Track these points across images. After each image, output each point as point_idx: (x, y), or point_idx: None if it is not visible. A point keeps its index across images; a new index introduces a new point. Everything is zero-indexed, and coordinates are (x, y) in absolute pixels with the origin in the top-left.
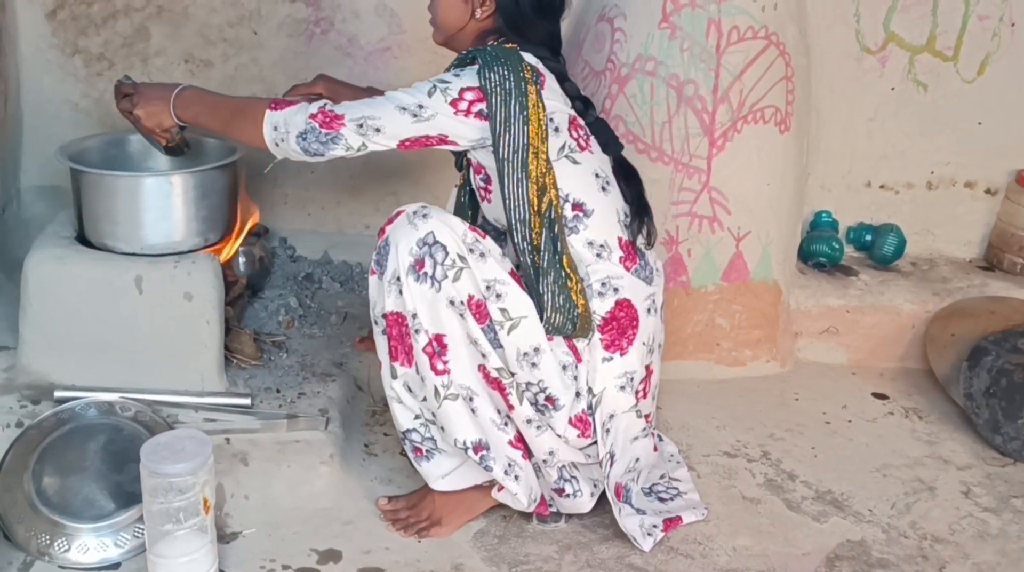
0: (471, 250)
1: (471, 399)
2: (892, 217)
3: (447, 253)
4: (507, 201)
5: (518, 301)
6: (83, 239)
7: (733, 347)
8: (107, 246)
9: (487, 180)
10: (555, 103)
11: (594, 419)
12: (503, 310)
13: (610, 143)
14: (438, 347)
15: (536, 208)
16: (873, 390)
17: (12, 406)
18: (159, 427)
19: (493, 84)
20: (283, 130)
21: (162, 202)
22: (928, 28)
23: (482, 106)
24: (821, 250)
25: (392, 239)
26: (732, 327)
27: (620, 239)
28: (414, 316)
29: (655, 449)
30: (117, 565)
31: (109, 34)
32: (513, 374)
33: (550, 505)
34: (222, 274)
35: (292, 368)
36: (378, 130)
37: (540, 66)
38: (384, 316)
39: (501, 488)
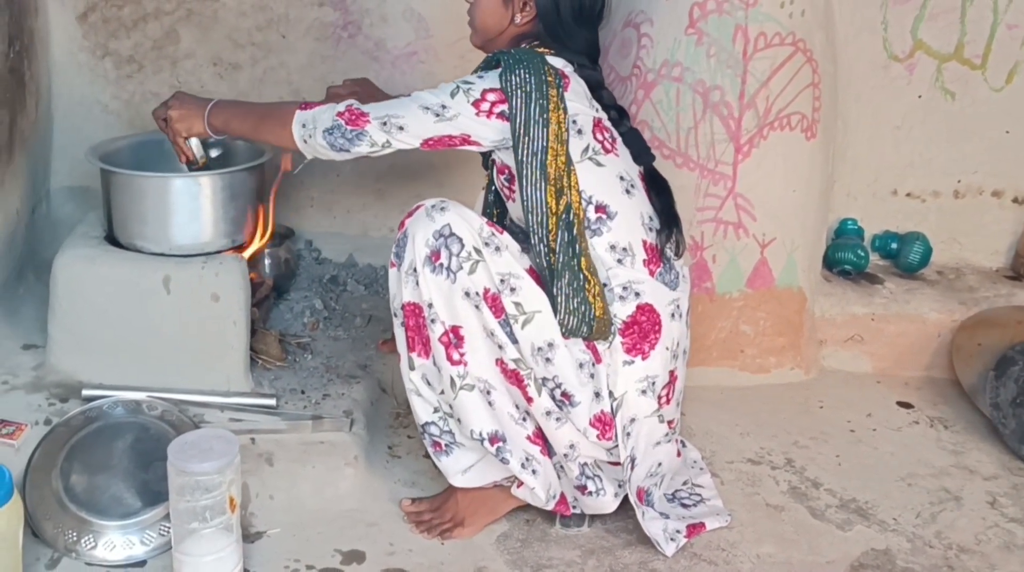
0: (487, 244)
1: (488, 392)
2: (918, 225)
3: (463, 245)
4: (525, 202)
5: (532, 295)
6: (112, 239)
7: (757, 354)
8: (136, 246)
9: (511, 180)
10: (578, 105)
11: (615, 422)
12: (517, 304)
13: (642, 153)
14: (454, 338)
15: (553, 210)
16: (898, 399)
17: (41, 404)
18: (185, 426)
19: (514, 86)
20: (311, 127)
21: (191, 203)
22: (956, 36)
23: (504, 107)
24: (846, 258)
25: (410, 231)
26: (756, 334)
27: (644, 242)
28: (430, 306)
29: (678, 455)
30: (143, 563)
31: (139, 37)
32: (531, 367)
33: (573, 506)
34: (249, 275)
35: (317, 370)
36: (401, 128)
37: (567, 69)
38: (402, 307)
39: (520, 484)
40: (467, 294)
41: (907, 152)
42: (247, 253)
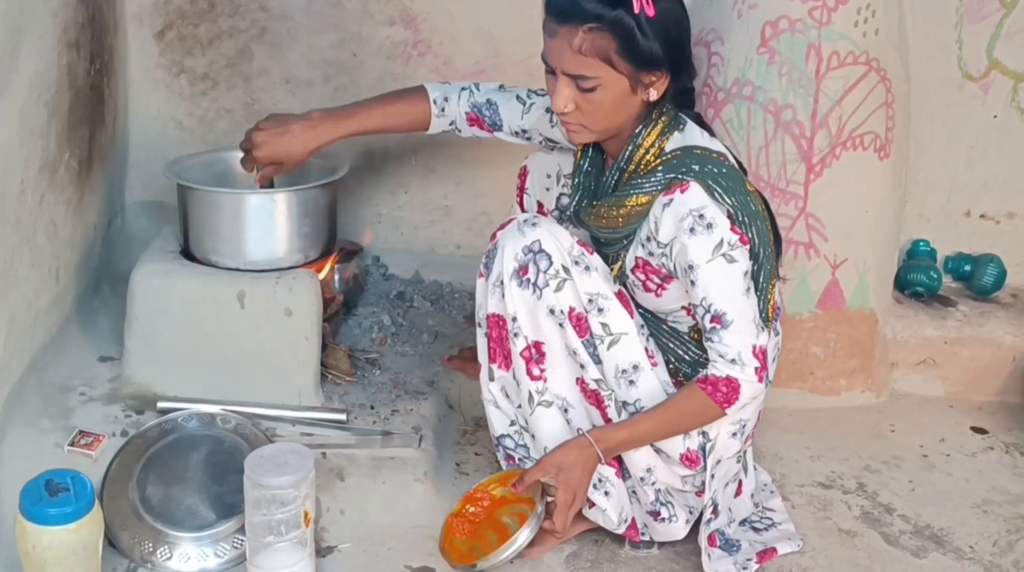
0: (576, 262)
1: (566, 410)
2: (992, 247)
3: (551, 262)
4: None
5: (619, 317)
6: (187, 254)
7: (827, 376)
8: (211, 261)
9: (665, 279)
10: None
11: (706, 463)
12: (604, 325)
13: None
14: (536, 354)
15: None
16: (972, 424)
17: (117, 416)
18: (259, 440)
19: (752, 234)
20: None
21: (265, 219)
22: None
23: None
24: (919, 279)
25: (500, 243)
26: (827, 356)
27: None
28: (514, 319)
29: (738, 492)
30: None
31: (214, 54)
32: (612, 389)
33: (642, 533)
34: (321, 291)
35: (385, 385)
36: None
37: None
38: (486, 318)
39: (592, 505)
40: (551, 311)
41: (981, 173)
42: (323, 273)
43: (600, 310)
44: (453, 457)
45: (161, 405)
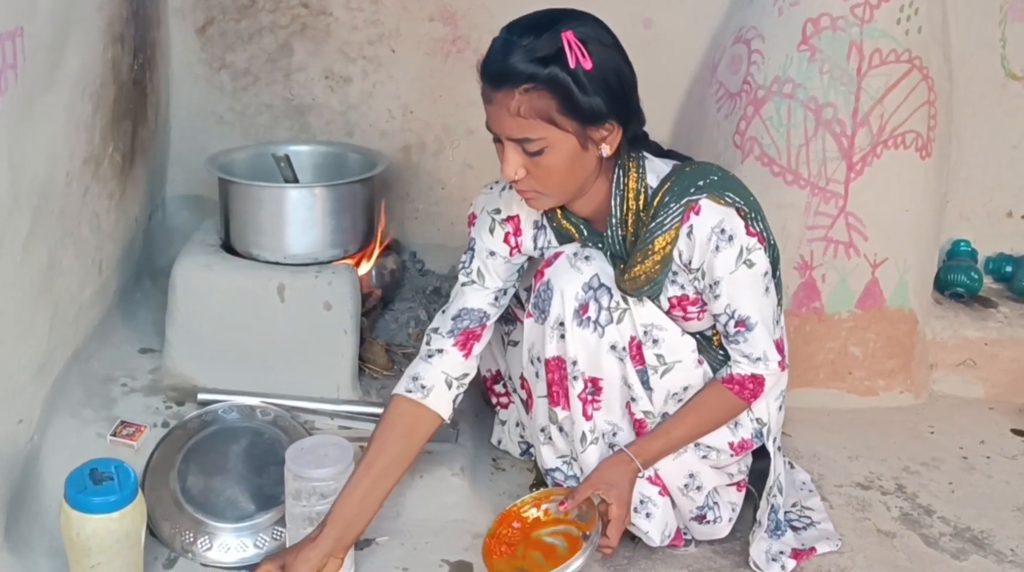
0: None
1: (615, 434)
2: None
3: (611, 295)
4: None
5: (675, 347)
6: (228, 247)
7: (866, 376)
8: (251, 255)
9: (696, 310)
10: None
11: (767, 444)
12: (659, 356)
13: None
14: (592, 390)
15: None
16: (1012, 426)
17: (158, 407)
18: (298, 432)
19: (761, 228)
20: None
21: (305, 213)
22: None
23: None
24: (959, 280)
25: (555, 284)
26: (865, 356)
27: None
28: (574, 363)
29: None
30: (256, 565)
31: (255, 50)
32: (659, 415)
33: (685, 534)
34: (360, 285)
35: None
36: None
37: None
38: (545, 362)
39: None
40: (613, 348)
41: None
42: (364, 267)
43: (655, 342)
44: (490, 453)
45: (201, 397)
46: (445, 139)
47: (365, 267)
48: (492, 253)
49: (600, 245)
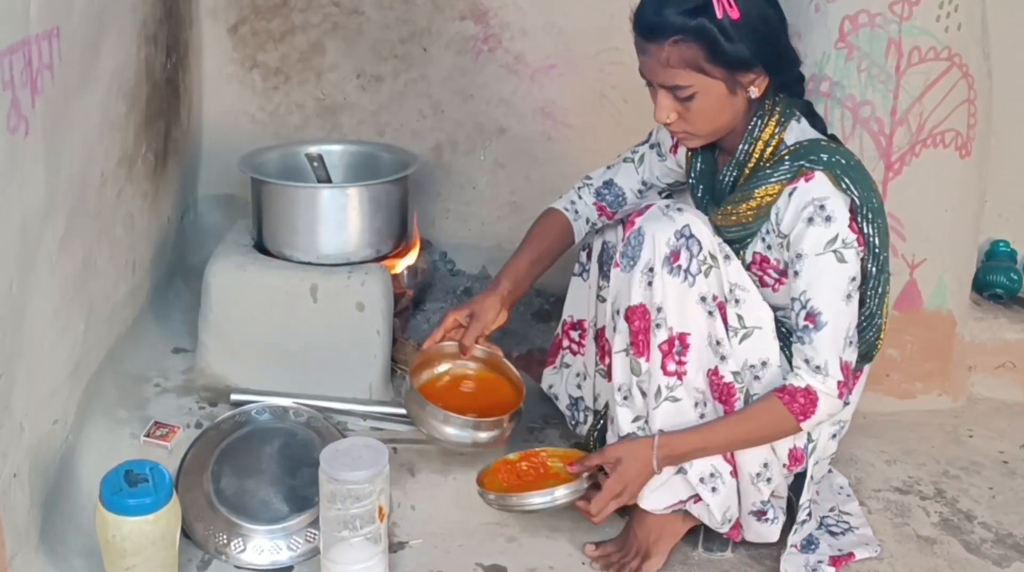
0: (719, 249)
1: (705, 404)
2: None
3: (701, 247)
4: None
5: (755, 310)
6: (261, 247)
7: (903, 379)
8: (284, 255)
9: (782, 274)
10: None
11: (808, 464)
12: (740, 317)
13: None
14: (679, 346)
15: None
16: None
17: (191, 407)
18: (331, 434)
19: (871, 232)
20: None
21: (338, 213)
22: None
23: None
24: (998, 281)
25: (646, 229)
26: (903, 358)
27: None
28: (659, 310)
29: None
30: (289, 568)
31: (286, 49)
32: (744, 382)
33: (743, 530)
34: (392, 286)
35: None
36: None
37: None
38: (625, 312)
39: (698, 499)
40: (703, 299)
41: None
42: (399, 266)
43: (737, 301)
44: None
45: (234, 397)
46: (476, 138)
47: (398, 267)
48: (658, 144)
49: (707, 182)
